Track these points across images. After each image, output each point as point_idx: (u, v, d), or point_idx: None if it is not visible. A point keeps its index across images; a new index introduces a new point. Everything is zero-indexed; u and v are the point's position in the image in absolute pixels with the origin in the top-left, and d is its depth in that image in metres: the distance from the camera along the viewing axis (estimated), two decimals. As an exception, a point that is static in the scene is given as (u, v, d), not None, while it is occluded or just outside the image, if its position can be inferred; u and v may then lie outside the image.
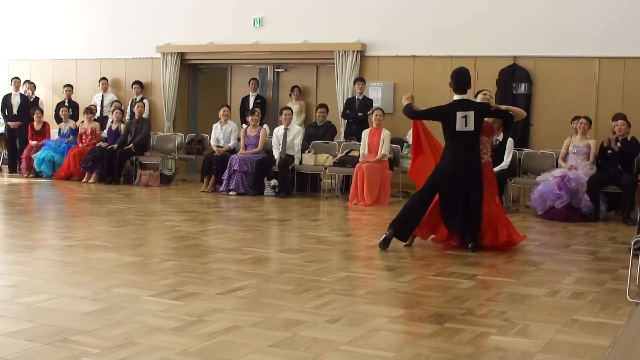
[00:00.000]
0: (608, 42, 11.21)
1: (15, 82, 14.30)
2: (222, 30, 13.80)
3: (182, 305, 4.49)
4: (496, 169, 9.78)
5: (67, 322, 4.06)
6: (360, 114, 11.98)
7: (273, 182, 11.39)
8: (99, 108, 14.23)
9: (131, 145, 12.50)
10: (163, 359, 3.50)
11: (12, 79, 14.45)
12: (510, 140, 10.12)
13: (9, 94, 14.30)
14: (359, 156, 10.91)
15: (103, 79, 14.48)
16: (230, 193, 11.15)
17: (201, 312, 4.32)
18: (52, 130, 13.83)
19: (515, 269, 6.12)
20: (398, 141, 11.48)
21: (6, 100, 14.20)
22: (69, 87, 14.49)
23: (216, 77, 14.95)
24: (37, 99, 14.41)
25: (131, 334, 3.85)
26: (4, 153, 14.67)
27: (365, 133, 10.97)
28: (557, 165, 9.98)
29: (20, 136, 13.85)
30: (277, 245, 7.29)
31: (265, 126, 12.43)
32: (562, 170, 9.54)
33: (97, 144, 12.86)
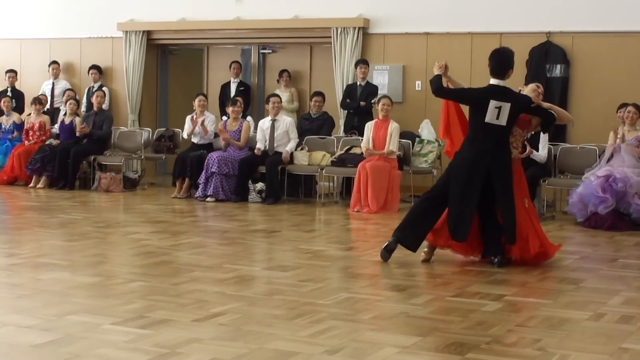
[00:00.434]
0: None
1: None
2: (197, 4, 13.80)
3: (151, 334, 4.48)
4: (535, 157, 9.78)
5: (12, 357, 4.04)
6: (362, 104, 11.99)
7: (259, 185, 11.39)
8: (48, 98, 14.21)
9: (83, 128, 12.39)
10: (128, 399, 3.49)
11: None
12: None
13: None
14: (361, 154, 10.91)
15: (54, 62, 14.47)
16: (208, 199, 11.15)
17: (174, 343, 4.31)
18: (-9, 126, 13.83)
19: (551, 288, 6.12)
20: (409, 135, 11.49)
21: None
22: (12, 72, 14.46)
23: (190, 60, 14.93)
24: (-28, 87, 14.42)
25: (89, 370, 3.85)
26: None
27: (369, 126, 10.96)
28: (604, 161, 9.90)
29: (-49, 133, 13.84)
30: (264, 261, 7.28)
31: (249, 118, 12.43)
32: (607, 169, 9.54)
33: (47, 142, 12.84)
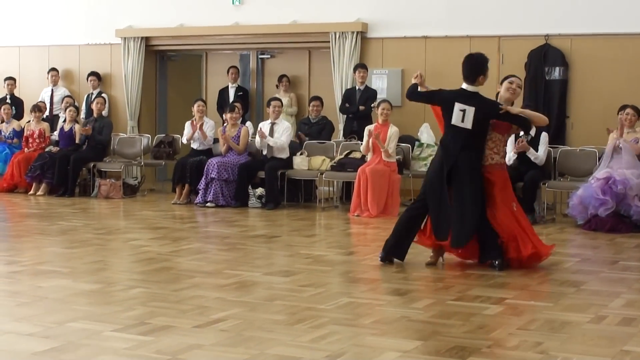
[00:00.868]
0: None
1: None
2: (195, 10, 13.80)
3: (152, 341, 4.48)
4: (531, 155, 9.79)
5: (13, 364, 4.05)
6: (362, 108, 11.99)
7: (259, 191, 11.38)
8: (48, 105, 14.21)
9: (86, 129, 12.37)
10: (130, 406, 3.50)
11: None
12: (544, 134, 10.07)
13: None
14: (361, 157, 10.91)
15: (52, 69, 14.47)
16: (208, 205, 11.14)
17: (175, 349, 4.31)
18: (-9, 133, 13.83)
19: (552, 291, 6.12)
20: (408, 139, 11.48)
21: None
22: (11, 80, 14.47)
23: (188, 65, 14.94)
24: (-29, 95, 14.42)
25: (91, 377, 3.85)
26: None
27: (369, 130, 10.94)
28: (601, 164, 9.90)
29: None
30: (265, 267, 7.27)
31: (248, 124, 12.43)
32: (606, 171, 9.52)
33: (47, 149, 12.84)
